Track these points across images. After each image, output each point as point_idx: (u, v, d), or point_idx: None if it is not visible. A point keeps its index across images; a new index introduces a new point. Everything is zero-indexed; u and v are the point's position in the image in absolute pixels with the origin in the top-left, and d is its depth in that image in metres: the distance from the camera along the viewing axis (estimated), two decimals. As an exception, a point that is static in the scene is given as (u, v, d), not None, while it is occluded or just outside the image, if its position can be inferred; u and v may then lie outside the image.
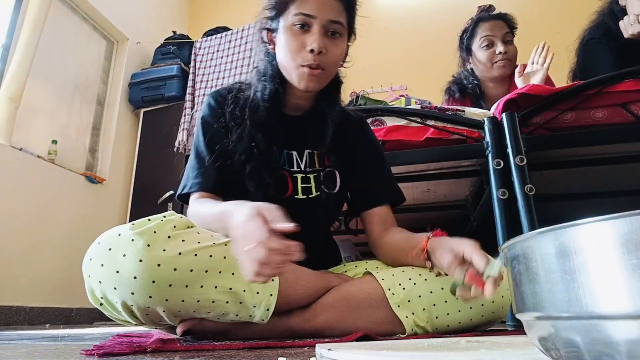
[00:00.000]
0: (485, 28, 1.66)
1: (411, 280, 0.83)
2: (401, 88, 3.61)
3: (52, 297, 2.61)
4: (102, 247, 0.68)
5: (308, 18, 0.86)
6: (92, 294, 0.71)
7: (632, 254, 0.24)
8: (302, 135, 0.98)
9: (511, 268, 0.35)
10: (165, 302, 0.68)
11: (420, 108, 1.38)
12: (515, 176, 1.16)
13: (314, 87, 0.90)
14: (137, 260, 0.65)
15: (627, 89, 1.17)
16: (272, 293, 0.75)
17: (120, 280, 0.66)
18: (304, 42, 0.86)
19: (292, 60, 0.88)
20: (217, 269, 0.71)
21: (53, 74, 2.94)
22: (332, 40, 0.88)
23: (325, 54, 0.87)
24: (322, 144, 0.97)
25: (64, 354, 0.62)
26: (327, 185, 0.96)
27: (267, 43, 0.95)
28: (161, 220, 0.71)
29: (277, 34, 0.91)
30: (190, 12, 4.50)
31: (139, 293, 0.66)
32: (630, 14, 1.41)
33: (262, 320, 0.76)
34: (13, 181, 2.45)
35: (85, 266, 0.69)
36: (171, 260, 0.67)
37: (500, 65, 1.63)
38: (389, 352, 0.44)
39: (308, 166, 0.97)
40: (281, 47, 0.90)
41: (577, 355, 0.27)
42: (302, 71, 0.87)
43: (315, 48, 0.85)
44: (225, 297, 0.72)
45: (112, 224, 3.04)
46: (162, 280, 0.67)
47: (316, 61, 0.86)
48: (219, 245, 0.73)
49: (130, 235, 0.67)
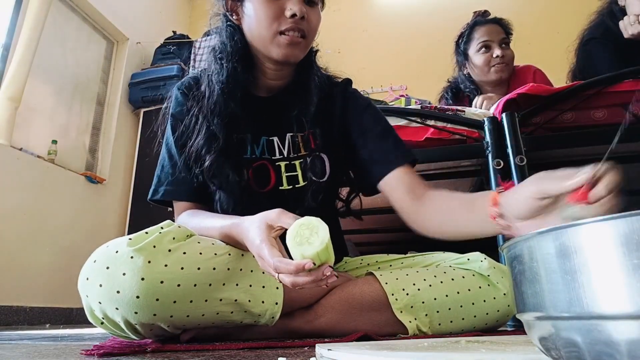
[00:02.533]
0: (481, 32, 1.66)
1: (415, 286, 0.81)
2: (401, 88, 3.61)
3: (52, 297, 2.61)
4: (98, 265, 0.64)
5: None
6: (91, 314, 0.67)
7: (632, 254, 0.24)
8: (281, 118, 0.87)
9: (511, 268, 0.35)
10: (170, 318, 0.66)
11: (420, 108, 1.38)
12: (515, 176, 1.16)
13: (294, 56, 0.82)
14: (138, 278, 0.62)
15: (627, 89, 1.17)
16: (278, 301, 0.73)
17: (122, 300, 0.62)
18: (282, 6, 0.79)
19: (268, 28, 0.79)
20: (221, 281, 0.69)
21: (53, 74, 2.94)
22: (311, 7, 0.82)
23: (306, 20, 0.80)
24: (304, 125, 0.86)
25: (64, 354, 0.62)
26: (315, 173, 0.87)
27: (230, 14, 0.86)
28: (159, 232, 0.67)
29: (245, 2, 0.83)
30: (190, 12, 4.50)
31: (143, 312, 0.63)
32: (630, 14, 1.41)
33: (267, 325, 0.75)
34: (13, 181, 2.45)
35: (81, 286, 0.65)
36: (174, 276, 0.65)
37: (498, 69, 1.64)
38: (389, 352, 0.44)
39: (292, 152, 0.88)
40: (252, 16, 0.81)
41: (577, 355, 0.27)
42: (281, 39, 0.80)
43: (298, 12, 0.78)
44: (230, 308, 0.71)
45: (111, 224, 3.05)
46: (166, 297, 0.64)
47: (298, 25, 0.79)
48: (222, 256, 0.71)
49: (129, 252, 0.63)
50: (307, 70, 0.90)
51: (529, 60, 1.81)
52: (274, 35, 0.80)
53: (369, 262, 0.96)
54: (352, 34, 3.76)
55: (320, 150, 0.89)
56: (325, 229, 0.54)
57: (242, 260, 0.73)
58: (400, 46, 3.69)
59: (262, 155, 0.87)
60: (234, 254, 0.73)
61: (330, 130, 0.91)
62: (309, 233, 0.55)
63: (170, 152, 0.89)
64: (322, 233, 0.54)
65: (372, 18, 3.86)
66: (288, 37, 0.80)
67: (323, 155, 0.89)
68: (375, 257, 0.96)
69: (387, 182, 0.84)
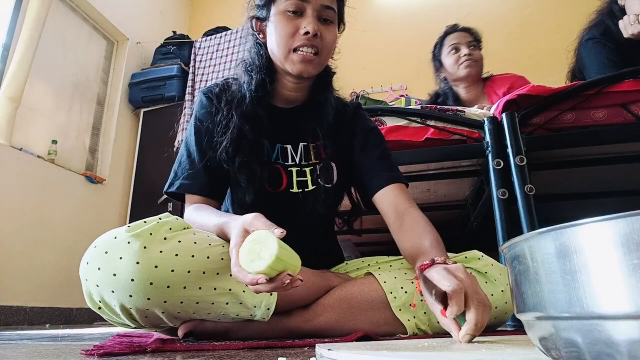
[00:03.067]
0: (451, 38, 1.85)
1: (413, 284, 0.82)
2: (401, 88, 3.60)
3: (52, 297, 2.61)
4: (98, 250, 0.67)
5: (301, 3, 0.86)
6: (90, 298, 0.70)
7: (632, 254, 0.24)
8: (296, 128, 0.96)
9: (511, 268, 0.35)
10: (164, 303, 0.68)
11: (420, 108, 1.38)
12: (515, 176, 1.16)
13: (308, 72, 0.88)
14: (134, 262, 0.65)
15: (627, 89, 1.17)
16: (272, 292, 0.74)
17: (117, 283, 0.65)
18: (297, 25, 0.86)
19: (285, 45, 0.87)
20: (215, 270, 0.71)
21: (53, 74, 2.94)
22: (325, 26, 0.88)
23: (319, 38, 0.86)
24: (317, 136, 0.94)
25: (64, 354, 0.62)
26: (323, 179, 0.94)
27: (257, 32, 0.94)
28: (157, 222, 0.70)
29: (268, 22, 0.90)
30: (190, 12, 4.50)
31: (137, 295, 0.66)
32: (630, 13, 1.41)
33: (263, 318, 0.75)
34: (13, 181, 2.45)
35: (82, 270, 0.68)
36: (168, 262, 0.67)
37: (466, 65, 1.77)
38: (389, 352, 0.44)
39: (303, 159, 0.95)
40: (272, 34, 0.89)
41: (577, 355, 0.27)
42: (295, 56, 0.86)
43: (311, 30, 0.84)
44: (225, 298, 0.72)
45: (112, 224, 3.06)
46: (159, 281, 0.66)
47: (311, 42, 0.85)
48: (216, 247, 0.73)
49: (126, 237, 0.67)
50: (325, 89, 0.98)
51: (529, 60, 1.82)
52: (288, 52, 0.87)
53: (370, 263, 0.96)
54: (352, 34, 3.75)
55: (330, 160, 0.96)
56: (274, 242, 0.57)
57: None
58: (400, 46, 3.69)
59: (276, 160, 0.94)
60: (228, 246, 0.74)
61: (339, 143, 0.98)
62: (260, 247, 0.59)
63: (189, 149, 0.93)
64: (271, 246, 0.57)
65: (372, 18, 3.86)
66: (301, 54, 0.86)
67: (332, 164, 0.96)
68: (375, 259, 0.97)
69: (379, 196, 0.92)
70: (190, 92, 3.31)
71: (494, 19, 3.35)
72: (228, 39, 3.37)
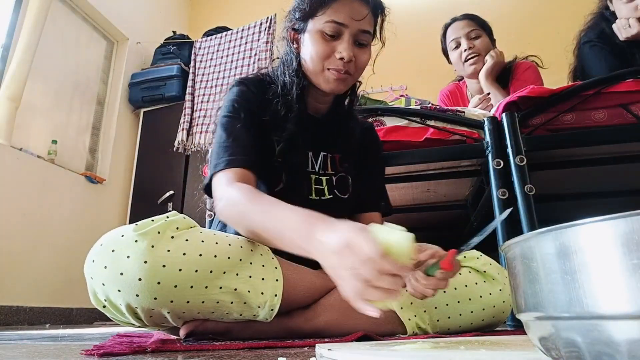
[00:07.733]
0: (450, 32, 1.78)
1: None
2: (401, 88, 3.60)
3: (52, 297, 2.61)
4: (104, 248, 0.67)
5: (340, 27, 0.87)
6: (94, 296, 0.69)
7: (632, 254, 0.24)
8: (320, 137, 0.98)
9: (511, 268, 0.35)
10: (170, 303, 0.67)
11: (420, 108, 1.38)
12: (515, 176, 1.16)
13: (339, 90, 0.91)
14: (141, 261, 0.64)
15: (627, 90, 1.17)
16: (277, 293, 0.74)
17: (124, 282, 0.65)
18: (333, 48, 0.87)
19: (318, 64, 0.88)
20: (222, 269, 0.71)
21: (53, 74, 2.94)
22: (360, 48, 0.90)
23: (354, 61, 0.88)
24: (338, 148, 0.98)
25: (64, 354, 0.62)
26: (340, 190, 0.96)
27: (291, 42, 0.95)
28: (164, 220, 0.70)
29: (303, 35, 0.91)
30: (190, 12, 4.50)
31: (144, 295, 0.65)
32: (620, 17, 1.42)
33: (266, 319, 0.76)
34: (13, 181, 2.45)
35: (87, 268, 0.68)
36: (176, 261, 0.67)
37: (471, 62, 1.70)
38: (389, 352, 0.44)
39: (321, 168, 0.97)
40: (308, 49, 0.89)
41: (577, 355, 0.27)
42: (329, 74, 0.88)
43: (346, 57, 0.86)
44: (230, 297, 0.72)
45: (112, 224, 3.06)
46: (167, 281, 0.66)
47: (345, 67, 0.87)
48: (223, 245, 0.73)
49: (134, 236, 0.66)
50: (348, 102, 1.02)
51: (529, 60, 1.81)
52: (322, 70, 0.89)
53: None
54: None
55: (346, 172, 0.99)
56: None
57: (242, 251, 0.74)
58: (400, 46, 3.68)
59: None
60: (234, 245, 0.74)
61: (354, 158, 1.02)
62: None
63: (230, 130, 0.87)
64: None
65: (372, 18, 3.86)
66: (335, 74, 0.88)
67: (348, 176, 0.99)
68: None
69: (359, 217, 1.00)
70: (190, 93, 3.31)
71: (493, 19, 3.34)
72: (228, 39, 3.37)
